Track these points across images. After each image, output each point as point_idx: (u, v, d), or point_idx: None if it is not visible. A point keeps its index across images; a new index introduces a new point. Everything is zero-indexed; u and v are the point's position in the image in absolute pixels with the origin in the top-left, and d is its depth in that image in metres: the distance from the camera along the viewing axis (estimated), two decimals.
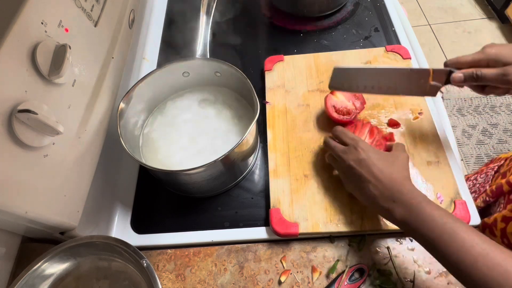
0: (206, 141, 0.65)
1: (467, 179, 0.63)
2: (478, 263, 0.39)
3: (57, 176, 0.47)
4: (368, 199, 0.50)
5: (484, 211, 0.58)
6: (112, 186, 0.66)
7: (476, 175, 0.72)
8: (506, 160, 0.67)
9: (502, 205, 0.58)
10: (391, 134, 0.64)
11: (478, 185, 0.69)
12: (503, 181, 0.59)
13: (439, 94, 0.74)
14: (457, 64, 0.52)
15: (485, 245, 0.40)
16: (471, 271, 0.39)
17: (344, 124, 0.64)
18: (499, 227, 0.55)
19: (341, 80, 0.57)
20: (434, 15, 2.26)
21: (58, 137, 0.46)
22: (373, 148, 0.52)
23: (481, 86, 0.53)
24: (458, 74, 0.51)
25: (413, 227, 0.45)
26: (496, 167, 0.68)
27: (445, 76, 0.52)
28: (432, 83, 0.53)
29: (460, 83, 0.52)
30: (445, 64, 0.54)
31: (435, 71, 0.52)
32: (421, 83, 0.54)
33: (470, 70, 0.50)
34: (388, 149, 0.56)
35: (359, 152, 0.51)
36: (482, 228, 0.59)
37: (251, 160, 0.66)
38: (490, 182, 0.66)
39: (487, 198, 0.62)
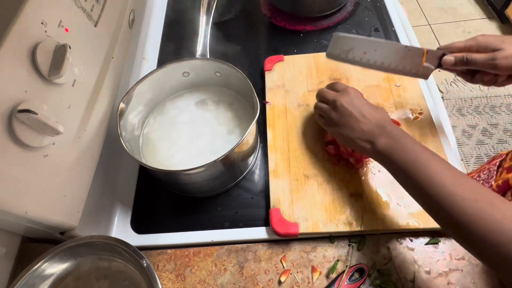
0: (206, 141, 0.65)
1: (470, 176, 0.64)
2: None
3: (57, 176, 0.47)
4: (355, 133, 0.53)
5: None
6: (112, 186, 0.66)
7: (478, 173, 0.72)
8: (508, 154, 0.67)
9: (510, 199, 0.58)
10: None
11: (481, 181, 0.69)
12: (510, 175, 0.59)
13: (439, 94, 0.74)
14: (449, 49, 0.56)
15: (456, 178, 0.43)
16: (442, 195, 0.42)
17: None
18: None
19: (339, 48, 0.60)
20: (434, 15, 2.26)
21: (58, 137, 0.46)
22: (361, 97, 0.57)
23: (471, 73, 0.57)
24: (449, 57, 0.55)
25: (393, 156, 0.48)
26: (498, 162, 0.68)
27: (437, 58, 0.56)
28: (425, 64, 0.56)
29: (451, 66, 0.55)
30: (438, 49, 0.57)
31: (429, 52, 0.56)
32: (414, 62, 0.57)
33: (460, 54, 0.54)
34: None
35: (352, 96, 0.55)
36: None
37: (251, 160, 0.66)
38: (494, 177, 0.66)
39: None
